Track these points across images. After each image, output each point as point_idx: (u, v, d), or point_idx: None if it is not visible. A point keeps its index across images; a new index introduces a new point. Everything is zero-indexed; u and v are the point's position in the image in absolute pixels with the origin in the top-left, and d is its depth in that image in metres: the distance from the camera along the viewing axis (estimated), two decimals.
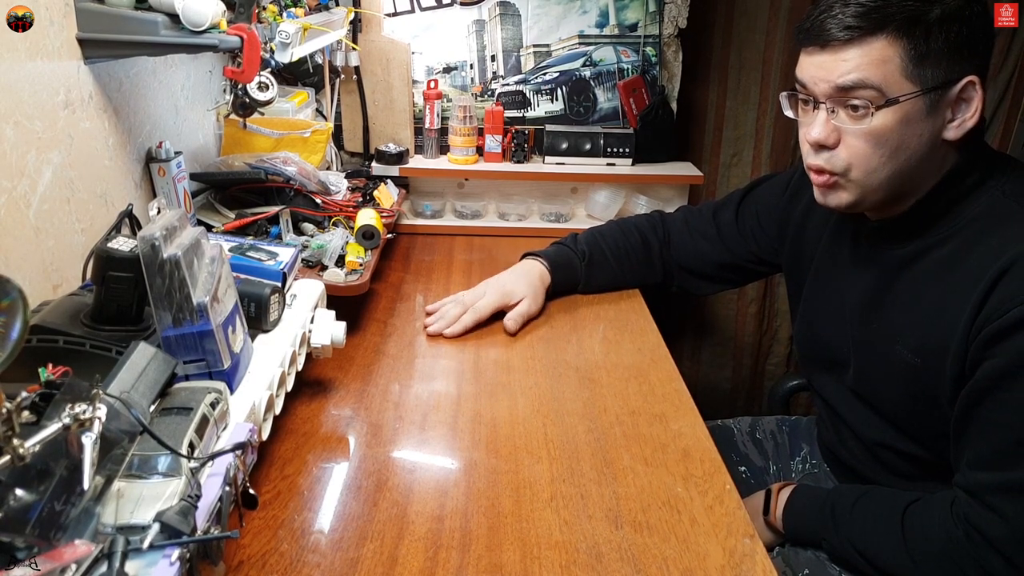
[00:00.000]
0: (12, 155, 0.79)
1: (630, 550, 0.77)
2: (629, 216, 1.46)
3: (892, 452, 0.98)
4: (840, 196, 0.91)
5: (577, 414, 1.01)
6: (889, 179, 0.87)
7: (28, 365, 0.52)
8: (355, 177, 1.57)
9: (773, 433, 1.30)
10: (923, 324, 0.89)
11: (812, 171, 0.92)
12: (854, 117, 0.85)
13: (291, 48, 1.07)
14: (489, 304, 1.22)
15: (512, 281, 1.26)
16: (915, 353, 0.90)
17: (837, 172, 0.89)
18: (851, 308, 1.01)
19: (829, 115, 0.87)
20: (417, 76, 1.70)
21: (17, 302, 0.46)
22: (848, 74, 0.83)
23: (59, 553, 0.46)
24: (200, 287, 0.71)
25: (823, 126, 0.87)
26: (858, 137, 0.85)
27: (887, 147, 0.85)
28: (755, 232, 1.25)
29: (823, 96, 0.86)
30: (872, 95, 0.83)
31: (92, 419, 0.49)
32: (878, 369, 0.97)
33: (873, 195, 0.89)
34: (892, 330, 0.93)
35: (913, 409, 0.93)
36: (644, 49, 1.72)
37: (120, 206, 1.01)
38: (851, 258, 1.02)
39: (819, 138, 0.88)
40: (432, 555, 0.76)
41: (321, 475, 0.87)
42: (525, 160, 1.70)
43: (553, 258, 1.31)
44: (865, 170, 0.87)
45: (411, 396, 1.04)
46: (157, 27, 0.87)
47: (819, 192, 0.93)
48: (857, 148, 0.86)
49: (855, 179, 0.88)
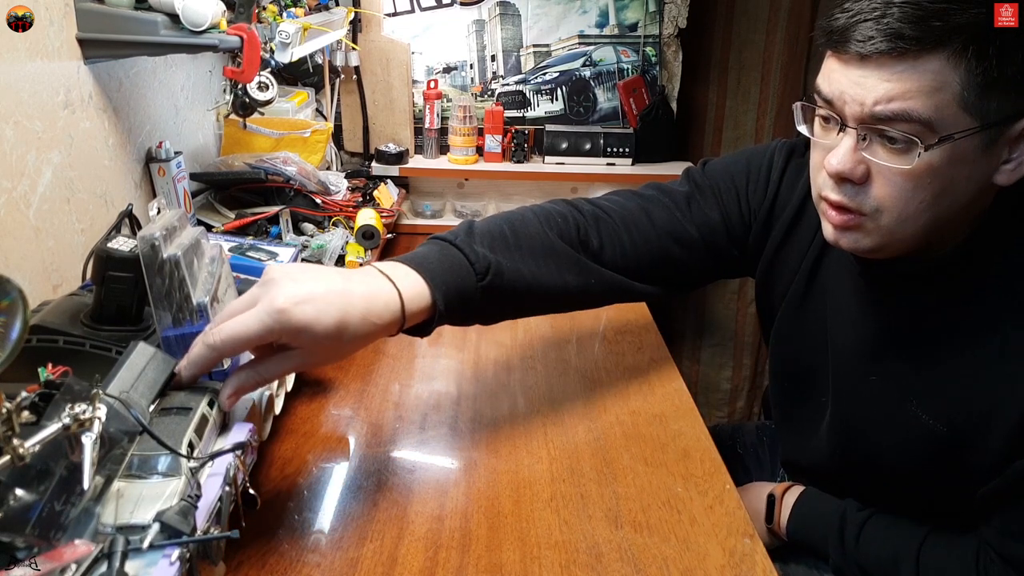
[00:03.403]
0: (12, 155, 0.79)
1: (630, 550, 0.77)
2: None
3: (879, 498, 0.90)
4: (859, 240, 0.74)
5: (577, 414, 1.01)
6: (924, 227, 0.71)
7: (28, 365, 0.52)
8: (355, 177, 1.57)
9: (754, 446, 1.24)
10: (950, 389, 0.76)
11: (829, 206, 0.74)
12: (892, 152, 0.68)
13: (291, 48, 1.07)
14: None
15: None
16: (937, 419, 0.77)
17: (864, 212, 0.72)
18: (840, 349, 0.87)
19: (858, 143, 0.69)
20: (417, 76, 1.70)
21: (17, 302, 0.46)
22: (891, 102, 0.65)
23: (59, 553, 0.46)
24: (200, 287, 0.71)
25: (849, 155, 0.69)
26: (894, 176, 0.68)
27: (928, 191, 0.68)
28: (725, 193, 0.97)
29: (854, 120, 0.69)
30: (917, 130, 0.65)
31: (92, 419, 0.49)
32: (879, 426, 0.85)
33: (900, 244, 0.73)
34: (901, 387, 0.81)
35: (928, 475, 0.82)
36: (644, 49, 1.72)
37: (120, 206, 1.01)
38: (848, 291, 0.86)
39: (843, 170, 0.70)
40: (432, 555, 0.76)
41: (321, 475, 0.87)
42: (525, 160, 1.70)
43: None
44: (899, 216, 0.70)
45: (411, 396, 1.04)
46: (157, 27, 0.87)
47: (832, 231, 0.75)
48: (892, 189, 0.69)
49: (884, 224, 0.71)
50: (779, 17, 1.82)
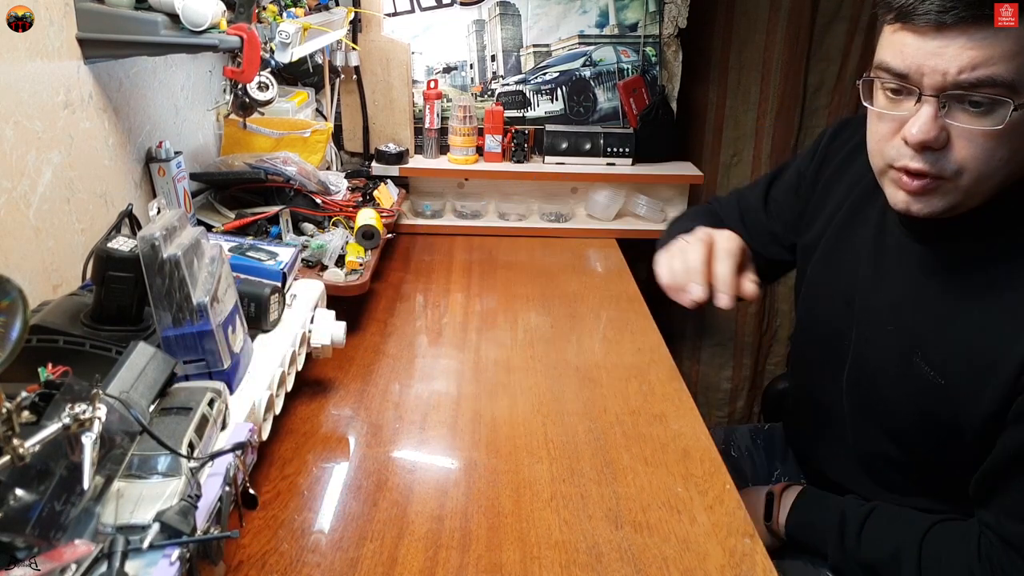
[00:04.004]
0: (12, 155, 0.79)
1: (630, 550, 0.77)
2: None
3: (883, 462, 0.92)
4: (935, 203, 0.75)
5: (577, 414, 1.01)
6: (999, 183, 0.73)
7: (28, 365, 0.52)
8: (355, 177, 1.57)
9: (749, 449, 1.24)
10: (955, 342, 0.79)
11: (907, 174, 0.76)
12: (975, 115, 0.70)
13: (291, 48, 1.07)
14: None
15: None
16: (939, 372, 0.80)
17: (944, 176, 0.73)
18: (862, 303, 0.91)
19: (938, 111, 0.71)
20: (417, 76, 1.70)
21: (17, 302, 0.46)
22: (975, 69, 0.67)
23: (59, 553, 0.46)
24: (200, 287, 0.71)
25: (931, 123, 0.71)
26: (977, 138, 0.70)
27: (1008, 148, 0.70)
28: (781, 210, 1.09)
29: (933, 89, 0.70)
30: (1002, 92, 0.67)
31: (92, 419, 0.49)
32: (887, 376, 0.87)
33: (973, 201, 0.75)
34: (912, 339, 0.83)
35: (923, 428, 0.85)
36: (644, 49, 1.72)
37: (120, 206, 1.01)
38: (870, 245, 0.90)
39: (927, 139, 0.71)
40: (432, 555, 0.76)
41: (321, 475, 0.87)
42: (525, 160, 1.70)
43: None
44: (980, 175, 0.72)
45: (411, 396, 1.04)
46: (157, 27, 0.87)
47: (906, 197, 0.77)
48: (975, 150, 0.71)
49: (964, 184, 0.73)
50: (779, 17, 1.82)
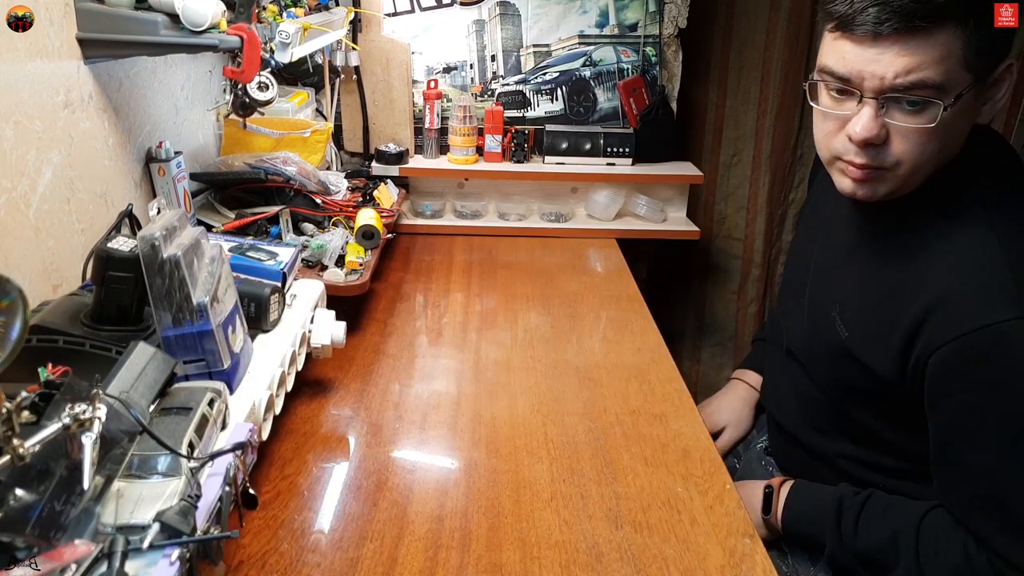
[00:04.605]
0: (12, 155, 0.79)
1: (630, 550, 0.77)
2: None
3: (816, 407, 1.00)
4: (876, 189, 0.84)
5: (577, 414, 1.01)
6: (933, 170, 0.82)
7: (28, 365, 0.52)
8: (355, 177, 1.57)
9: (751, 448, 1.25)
10: (866, 303, 0.89)
11: (852, 166, 0.84)
12: (910, 113, 0.77)
13: (291, 48, 1.07)
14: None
15: (716, 408, 1.27)
16: (845, 325, 0.90)
17: (884, 167, 0.82)
18: (815, 266, 1.02)
19: (878, 111, 0.78)
20: (417, 76, 1.70)
21: (17, 302, 0.46)
22: (909, 74, 0.75)
23: (59, 553, 0.46)
24: (200, 287, 0.71)
25: (872, 122, 0.79)
26: (912, 134, 0.78)
27: (940, 141, 0.79)
28: None
29: (872, 92, 0.78)
30: (933, 93, 0.75)
31: (92, 419, 0.49)
32: (815, 329, 0.98)
33: (909, 187, 0.84)
34: (835, 297, 0.94)
35: (835, 377, 0.95)
36: (644, 49, 1.72)
37: (120, 206, 1.01)
38: (833, 211, 1.01)
39: (868, 137, 0.79)
40: (432, 555, 0.76)
41: (321, 475, 0.87)
42: (525, 160, 1.70)
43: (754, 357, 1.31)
44: (916, 165, 0.80)
45: (411, 396, 1.04)
46: (157, 27, 0.87)
47: (851, 184, 0.86)
48: (910, 145, 0.79)
49: (902, 173, 0.82)
50: (779, 17, 1.82)
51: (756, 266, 2.05)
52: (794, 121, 1.91)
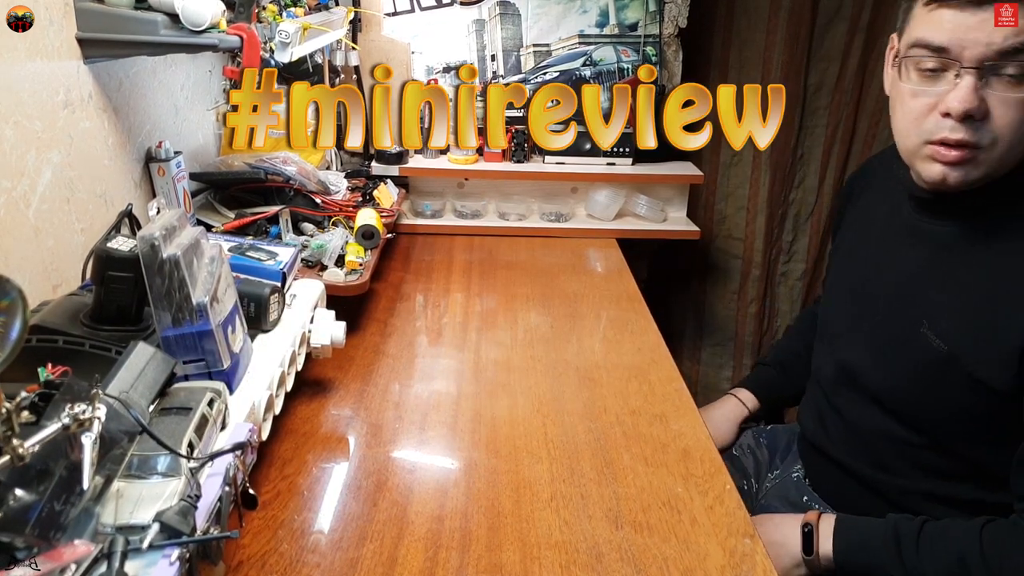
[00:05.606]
0: (12, 155, 0.79)
1: (630, 550, 0.77)
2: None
3: (886, 441, 0.95)
4: (970, 172, 0.81)
5: (577, 414, 1.01)
6: (1021, 155, 0.80)
7: (28, 365, 0.52)
8: (355, 177, 1.57)
9: (751, 447, 1.24)
10: (961, 311, 0.84)
11: (946, 145, 0.81)
12: (1012, 84, 0.76)
13: (291, 48, 1.07)
14: None
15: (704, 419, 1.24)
16: (943, 338, 0.84)
17: (981, 146, 0.79)
18: (887, 296, 0.96)
19: (978, 82, 0.77)
20: (417, 76, 1.70)
21: (17, 302, 0.46)
22: (1019, 35, 0.73)
23: (59, 553, 0.46)
24: (200, 287, 0.71)
25: (972, 94, 0.77)
26: (1015, 105, 0.76)
27: None
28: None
29: (974, 61, 0.76)
30: None
31: (92, 419, 0.49)
32: (892, 351, 0.92)
33: (1001, 171, 0.81)
34: (918, 311, 0.88)
35: (924, 402, 0.89)
36: (644, 48, 1.72)
37: (120, 206, 1.01)
38: (887, 230, 0.97)
39: (970, 109, 0.77)
40: (432, 555, 0.76)
41: (321, 475, 0.87)
42: (525, 160, 1.70)
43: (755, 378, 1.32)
44: (1011, 144, 0.78)
45: (411, 396, 1.04)
46: (157, 27, 0.87)
47: (941, 169, 0.82)
48: (1010, 119, 0.77)
49: (997, 154, 0.79)
50: (779, 17, 1.82)
51: (756, 266, 2.05)
52: (794, 121, 1.91)
